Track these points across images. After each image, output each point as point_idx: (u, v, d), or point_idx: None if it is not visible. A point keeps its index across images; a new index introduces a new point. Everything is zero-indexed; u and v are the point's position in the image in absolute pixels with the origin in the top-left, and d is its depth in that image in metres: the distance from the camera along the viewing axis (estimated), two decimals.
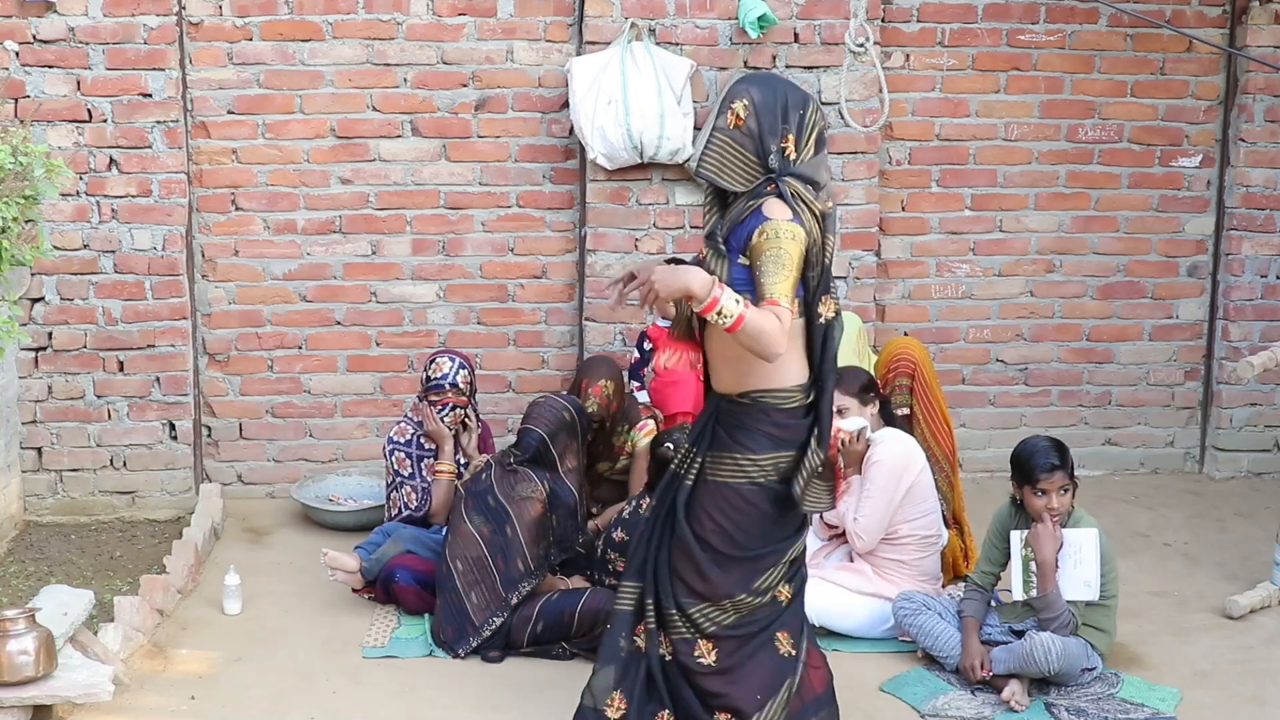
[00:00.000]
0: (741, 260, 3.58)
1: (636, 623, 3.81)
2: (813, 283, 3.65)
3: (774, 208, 3.55)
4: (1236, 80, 6.25)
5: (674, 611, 3.74)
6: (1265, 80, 6.14)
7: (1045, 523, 4.34)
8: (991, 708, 4.23)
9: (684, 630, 3.74)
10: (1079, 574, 4.33)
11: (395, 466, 5.33)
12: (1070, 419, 6.49)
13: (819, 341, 3.69)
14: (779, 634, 3.77)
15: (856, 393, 4.87)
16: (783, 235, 3.49)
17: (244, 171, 5.91)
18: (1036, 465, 4.37)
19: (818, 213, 3.60)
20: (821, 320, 3.67)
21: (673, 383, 5.26)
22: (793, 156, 3.57)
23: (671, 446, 4.08)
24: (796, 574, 3.83)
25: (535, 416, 4.84)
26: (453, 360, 5.32)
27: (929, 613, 4.54)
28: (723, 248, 3.63)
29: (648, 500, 4.85)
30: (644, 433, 5.37)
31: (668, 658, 3.77)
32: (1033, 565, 4.36)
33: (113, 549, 5.51)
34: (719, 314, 3.44)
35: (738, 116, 3.56)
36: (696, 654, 3.73)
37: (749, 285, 3.54)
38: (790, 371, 3.65)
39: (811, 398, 3.69)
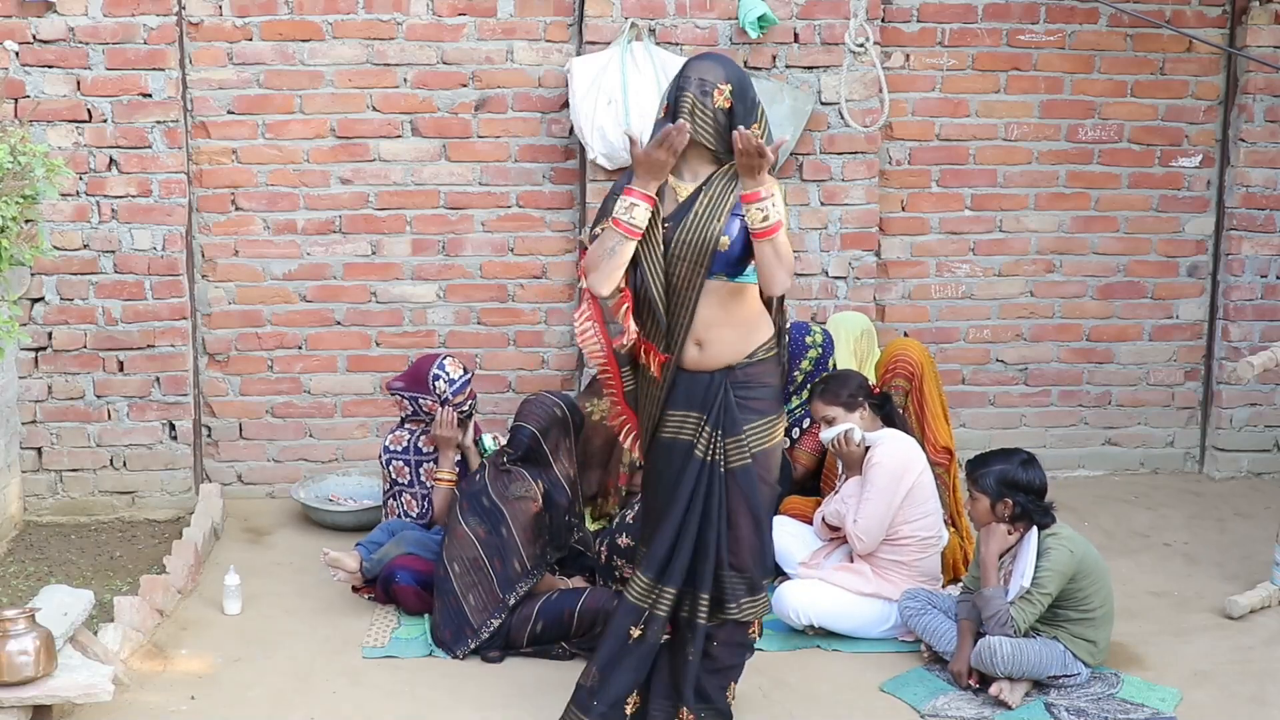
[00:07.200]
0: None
1: (669, 622, 3.90)
2: None
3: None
4: (1236, 80, 6.25)
5: (739, 603, 3.84)
6: (1265, 80, 6.14)
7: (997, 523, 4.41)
8: (991, 708, 4.23)
9: (740, 615, 3.87)
10: (1019, 571, 4.37)
11: (393, 475, 5.32)
12: (1070, 419, 6.49)
13: None
14: None
15: (843, 400, 4.88)
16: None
17: (244, 171, 5.91)
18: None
19: None
20: None
21: None
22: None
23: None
24: None
25: (526, 414, 4.82)
26: (455, 359, 5.31)
27: (934, 611, 4.54)
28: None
29: None
30: None
31: (691, 657, 3.86)
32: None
33: (113, 549, 5.51)
34: (765, 211, 3.55)
35: (726, 99, 3.63)
36: (750, 634, 3.98)
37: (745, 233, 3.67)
38: (769, 321, 3.85)
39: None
